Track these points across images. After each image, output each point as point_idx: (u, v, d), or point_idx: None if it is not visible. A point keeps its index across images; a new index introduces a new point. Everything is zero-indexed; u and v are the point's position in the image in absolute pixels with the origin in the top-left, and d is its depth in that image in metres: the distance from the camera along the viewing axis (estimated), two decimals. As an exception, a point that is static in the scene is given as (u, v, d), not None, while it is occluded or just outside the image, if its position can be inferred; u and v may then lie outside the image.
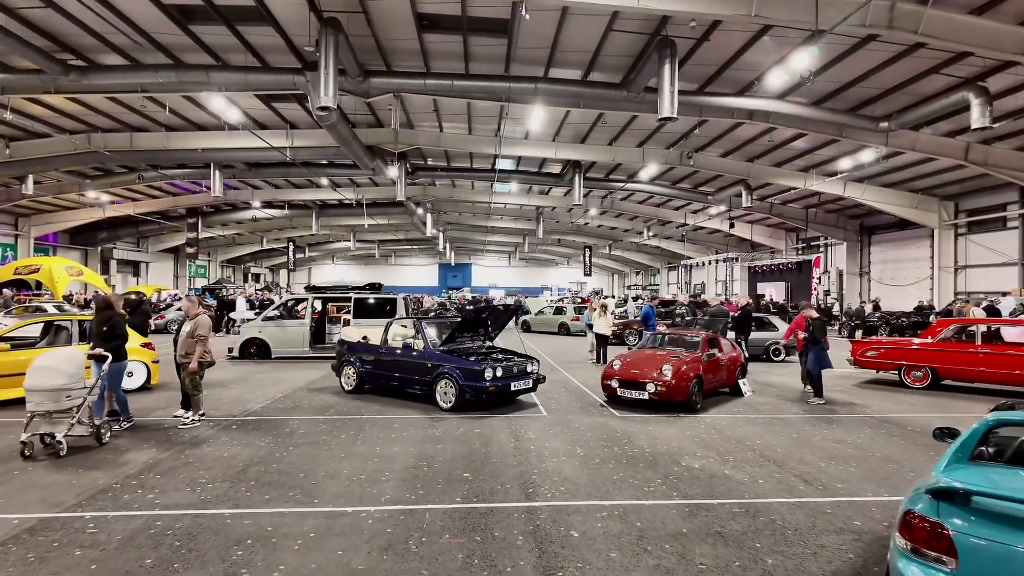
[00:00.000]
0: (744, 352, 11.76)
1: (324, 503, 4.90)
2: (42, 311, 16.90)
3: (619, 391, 9.11)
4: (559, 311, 25.79)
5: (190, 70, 13.59)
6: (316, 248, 54.26)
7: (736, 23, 11.48)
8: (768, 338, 15.28)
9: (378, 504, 4.88)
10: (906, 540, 2.81)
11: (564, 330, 24.50)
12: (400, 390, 9.51)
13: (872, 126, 15.77)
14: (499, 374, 8.51)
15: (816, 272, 32.42)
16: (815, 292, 31.52)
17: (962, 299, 19.88)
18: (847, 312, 25.90)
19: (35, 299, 21.58)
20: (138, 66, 13.83)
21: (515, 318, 18.74)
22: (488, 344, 10.27)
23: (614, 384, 9.17)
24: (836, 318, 25.79)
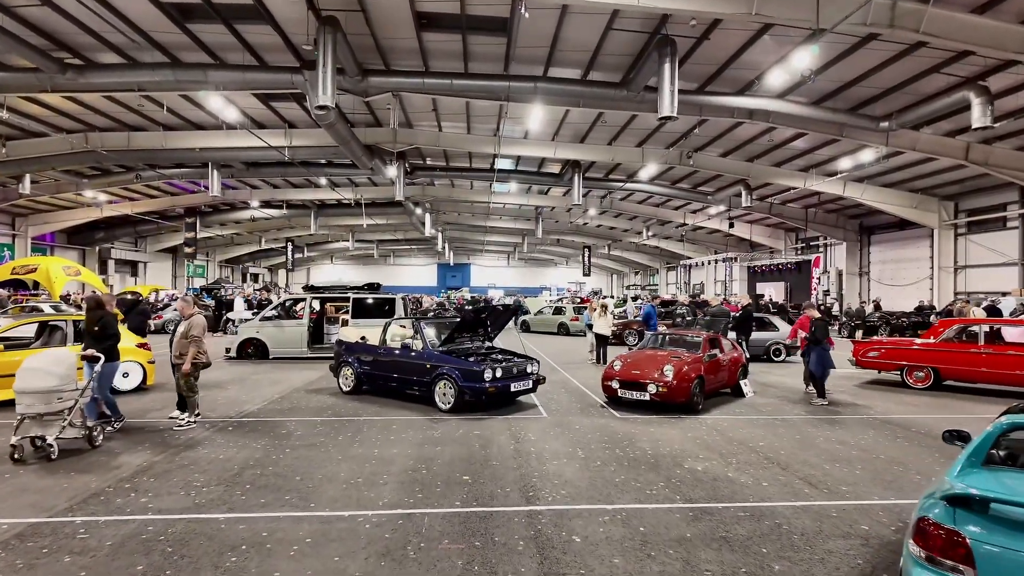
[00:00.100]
0: (745, 352, 11.69)
1: (321, 507, 4.81)
2: (39, 311, 16.79)
3: (620, 392, 9.02)
4: (558, 311, 25.67)
5: (188, 69, 13.55)
6: (315, 248, 54.17)
7: (736, 22, 11.44)
8: (769, 338, 15.19)
9: (376, 508, 4.79)
10: (920, 548, 2.72)
11: (563, 330, 24.40)
12: (399, 391, 9.42)
13: (872, 126, 15.72)
14: (499, 375, 8.43)
15: (816, 272, 32.37)
16: (815, 292, 31.46)
17: (962, 299, 19.83)
18: (847, 312, 25.84)
19: (32, 299, 21.46)
20: (135, 65, 13.75)
21: (514, 318, 18.66)
22: (487, 345, 10.17)
23: (615, 385, 9.08)
24: (836, 318, 25.72)
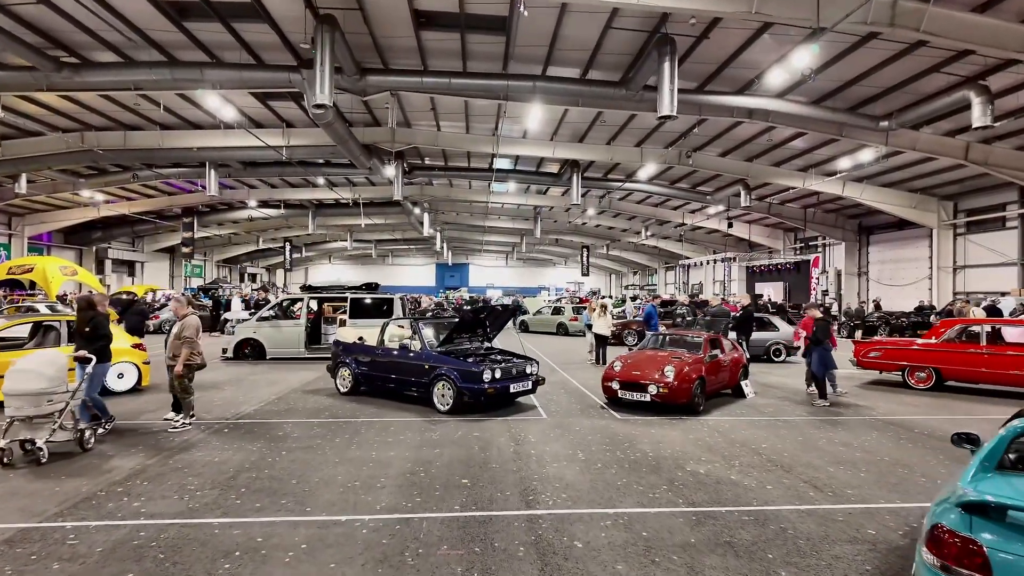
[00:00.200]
0: (746, 353, 11.62)
1: (317, 511, 4.71)
2: (34, 311, 16.66)
3: (620, 393, 8.93)
4: (557, 311, 25.60)
5: (184, 67, 13.45)
6: (312, 248, 54.04)
7: (736, 20, 11.38)
8: (769, 338, 15.12)
9: (373, 512, 4.70)
10: (935, 556, 2.64)
11: (563, 330, 24.31)
12: (397, 392, 9.33)
13: (872, 125, 15.67)
14: (498, 376, 8.34)
15: (815, 272, 32.34)
16: (814, 292, 31.43)
17: (961, 299, 19.78)
18: (847, 312, 25.80)
19: (28, 299, 21.32)
20: (132, 63, 13.65)
21: (513, 318, 18.58)
22: (486, 345, 10.07)
23: (615, 386, 8.99)
24: (835, 318, 25.68)
